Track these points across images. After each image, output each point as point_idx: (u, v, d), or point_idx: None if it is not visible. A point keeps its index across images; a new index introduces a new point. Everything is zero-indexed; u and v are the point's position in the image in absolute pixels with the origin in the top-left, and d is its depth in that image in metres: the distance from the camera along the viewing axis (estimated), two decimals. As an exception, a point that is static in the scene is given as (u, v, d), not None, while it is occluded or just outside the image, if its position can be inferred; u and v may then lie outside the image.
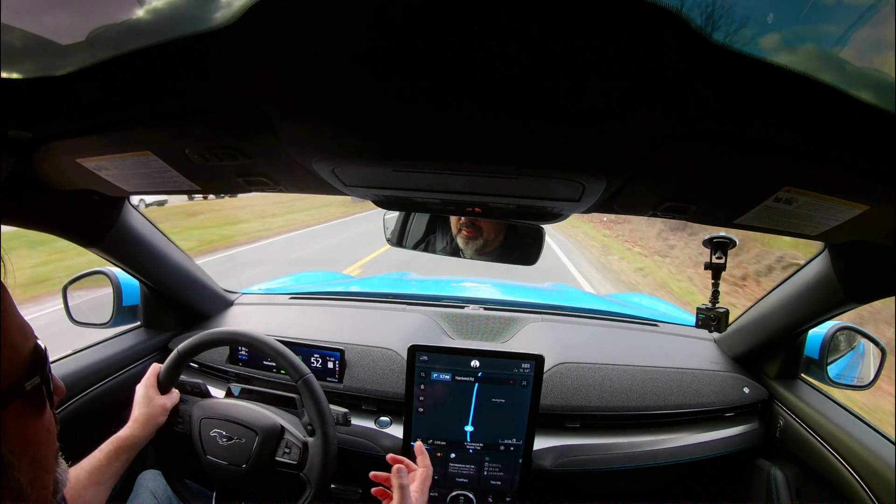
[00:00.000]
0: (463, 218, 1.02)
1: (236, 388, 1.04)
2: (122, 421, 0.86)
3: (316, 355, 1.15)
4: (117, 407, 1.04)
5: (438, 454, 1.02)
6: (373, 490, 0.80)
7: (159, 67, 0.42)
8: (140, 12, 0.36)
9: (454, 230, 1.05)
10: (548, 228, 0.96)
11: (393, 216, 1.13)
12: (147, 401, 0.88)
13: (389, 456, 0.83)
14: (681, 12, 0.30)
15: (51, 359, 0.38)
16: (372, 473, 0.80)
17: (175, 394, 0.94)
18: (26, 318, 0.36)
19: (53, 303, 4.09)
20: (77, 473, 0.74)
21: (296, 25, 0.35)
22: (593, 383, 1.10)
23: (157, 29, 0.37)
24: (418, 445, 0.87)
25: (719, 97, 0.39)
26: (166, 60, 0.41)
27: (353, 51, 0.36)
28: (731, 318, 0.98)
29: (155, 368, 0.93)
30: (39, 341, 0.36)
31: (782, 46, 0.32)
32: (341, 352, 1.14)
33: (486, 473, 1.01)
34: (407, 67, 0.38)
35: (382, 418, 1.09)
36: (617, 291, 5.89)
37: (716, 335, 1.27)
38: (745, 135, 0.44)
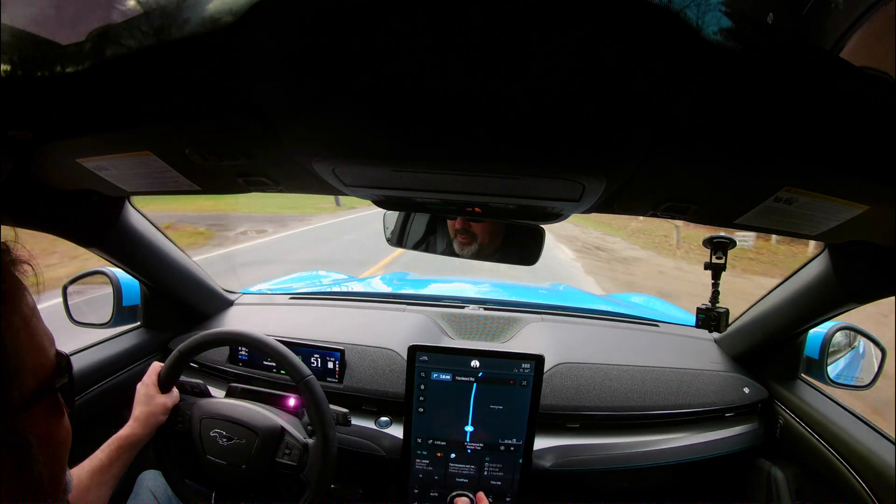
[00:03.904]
0: (458, 225, 1.02)
1: (237, 388, 1.04)
2: (123, 420, 0.86)
3: (316, 355, 1.15)
4: (117, 407, 1.04)
5: (438, 454, 1.02)
6: None
7: (159, 67, 0.42)
8: (140, 12, 0.36)
9: (451, 234, 1.05)
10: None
11: (393, 216, 1.13)
12: (148, 399, 0.88)
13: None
14: (678, 13, 0.30)
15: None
16: None
17: (175, 393, 0.94)
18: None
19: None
20: (79, 474, 0.74)
21: (295, 27, 0.35)
22: (593, 383, 1.10)
23: (157, 29, 0.37)
24: (480, 495, 0.91)
25: (718, 98, 0.39)
26: (166, 60, 0.41)
27: (353, 53, 0.36)
28: (731, 318, 0.99)
29: (156, 367, 0.93)
30: (60, 349, 0.38)
31: (783, 46, 0.32)
32: (341, 352, 1.14)
33: (486, 473, 1.01)
34: (406, 71, 0.38)
35: (382, 418, 1.09)
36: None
37: (716, 335, 1.27)
38: (744, 135, 0.44)
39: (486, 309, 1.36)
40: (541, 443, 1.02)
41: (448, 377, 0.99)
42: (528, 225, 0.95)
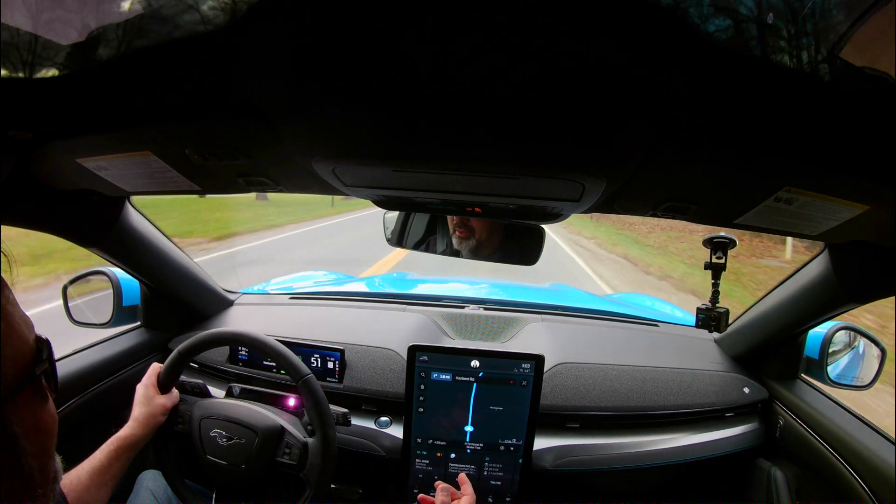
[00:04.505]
0: (457, 219, 1.02)
1: (236, 387, 1.04)
2: (122, 421, 0.86)
3: (316, 355, 1.15)
4: (117, 407, 1.04)
5: (438, 454, 1.02)
6: None
7: (159, 67, 0.42)
8: (141, 12, 0.36)
9: (450, 230, 1.06)
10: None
11: (393, 215, 1.13)
12: (147, 400, 0.88)
13: (421, 497, 0.86)
14: (679, 12, 0.30)
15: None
16: (420, 496, 0.86)
17: (175, 393, 0.94)
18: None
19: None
20: (78, 475, 0.74)
21: (295, 26, 0.35)
22: (593, 383, 1.10)
23: (157, 29, 0.37)
24: (462, 476, 0.91)
25: (718, 98, 0.39)
26: (167, 60, 0.41)
27: (353, 54, 0.36)
28: (730, 318, 0.99)
29: (155, 368, 0.93)
30: (40, 334, 0.38)
31: (782, 46, 0.32)
32: (341, 352, 1.14)
33: (486, 473, 1.01)
34: (406, 71, 0.38)
35: (382, 418, 1.09)
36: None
37: (716, 335, 1.27)
38: (744, 135, 0.44)
39: (486, 309, 1.36)
40: (541, 443, 1.02)
41: (448, 377, 0.99)
42: (527, 225, 0.95)
